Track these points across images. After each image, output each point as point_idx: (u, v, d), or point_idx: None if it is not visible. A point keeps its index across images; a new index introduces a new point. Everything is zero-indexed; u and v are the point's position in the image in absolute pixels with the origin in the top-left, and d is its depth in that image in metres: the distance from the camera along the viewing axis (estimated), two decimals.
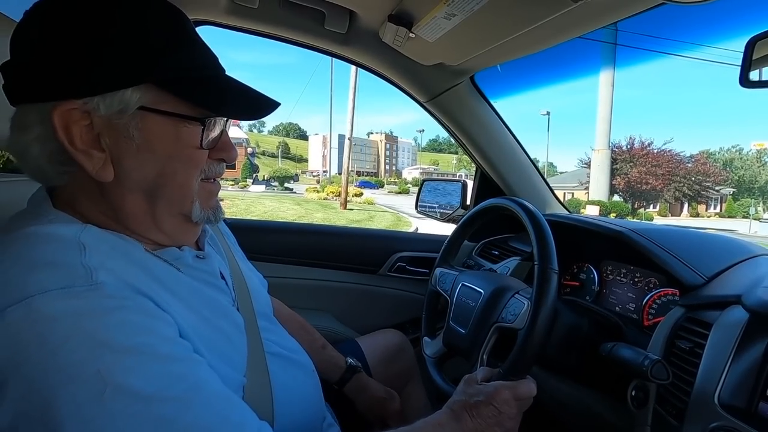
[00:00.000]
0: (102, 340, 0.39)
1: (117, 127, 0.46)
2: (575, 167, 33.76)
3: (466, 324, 0.85)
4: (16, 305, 0.38)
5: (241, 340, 0.58)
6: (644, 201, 27.50)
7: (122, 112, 0.46)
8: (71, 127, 0.45)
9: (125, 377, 0.39)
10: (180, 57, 0.49)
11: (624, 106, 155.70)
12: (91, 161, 0.47)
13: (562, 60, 7.35)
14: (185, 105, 0.49)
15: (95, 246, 0.45)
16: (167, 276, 0.51)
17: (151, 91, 0.47)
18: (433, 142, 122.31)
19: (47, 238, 0.44)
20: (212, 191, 0.57)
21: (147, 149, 0.48)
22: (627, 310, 0.97)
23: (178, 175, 0.51)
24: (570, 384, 0.89)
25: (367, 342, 1.06)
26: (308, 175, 67.62)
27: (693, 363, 0.65)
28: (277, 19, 1.07)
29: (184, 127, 0.49)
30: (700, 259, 0.82)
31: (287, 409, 0.60)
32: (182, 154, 0.50)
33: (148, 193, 0.50)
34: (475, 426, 0.60)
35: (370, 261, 1.41)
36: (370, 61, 1.19)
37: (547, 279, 0.71)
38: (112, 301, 0.42)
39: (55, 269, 0.41)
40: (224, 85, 0.53)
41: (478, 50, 0.96)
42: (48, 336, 0.38)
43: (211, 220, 0.57)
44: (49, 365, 0.37)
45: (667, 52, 19.93)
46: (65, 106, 0.45)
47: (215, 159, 0.55)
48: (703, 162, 30.66)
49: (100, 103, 0.45)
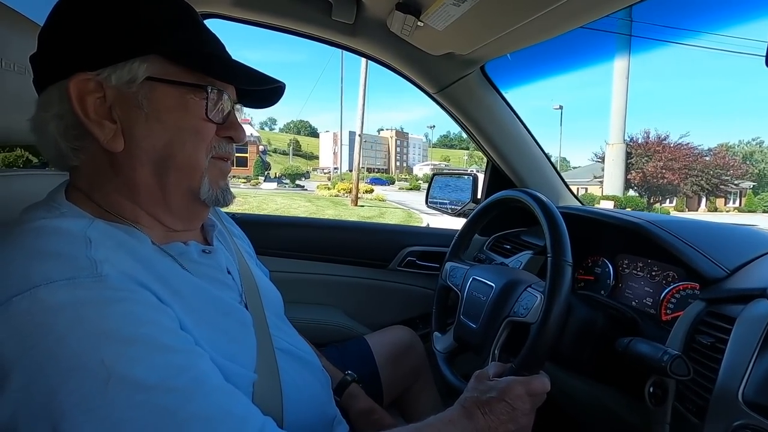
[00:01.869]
0: (106, 330, 0.39)
1: (127, 97, 0.50)
2: (589, 162, 33.28)
3: (477, 318, 0.84)
4: (21, 295, 0.39)
5: (249, 336, 0.57)
6: (660, 196, 26.92)
7: (131, 81, 0.49)
8: (86, 98, 0.49)
9: (129, 367, 0.39)
10: (185, 35, 0.53)
11: (639, 98, 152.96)
12: (102, 131, 0.50)
13: (575, 51, 7.16)
14: (190, 75, 0.52)
15: (101, 240, 0.46)
16: (171, 274, 0.51)
17: (158, 62, 0.50)
18: (443, 138, 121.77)
19: (54, 231, 0.45)
20: (222, 170, 0.59)
21: (156, 119, 0.51)
22: (644, 304, 0.94)
23: (187, 146, 0.53)
24: (584, 380, 0.87)
25: (376, 340, 1.05)
26: (319, 172, 67.89)
27: (714, 359, 0.62)
28: (283, 11, 1.06)
29: (190, 97, 0.52)
30: (721, 251, 0.79)
31: (296, 405, 0.60)
32: (189, 124, 0.53)
33: (157, 165, 0.52)
34: (487, 423, 0.58)
35: (379, 255, 1.40)
36: (378, 52, 1.18)
37: (561, 271, 0.69)
38: (115, 292, 0.42)
39: (61, 260, 0.42)
40: (227, 61, 0.56)
41: (488, 38, 0.94)
42: (53, 325, 0.38)
43: (220, 201, 0.58)
44: (54, 354, 0.37)
45: (685, 43, 19.47)
46: (80, 76, 0.48)
47: (224, 137, 0.57)
48: (722, 155, 29.88)
49: (111, 74, 0.49)
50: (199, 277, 0.55)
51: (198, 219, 0.61)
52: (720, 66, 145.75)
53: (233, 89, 0.58)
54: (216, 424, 0.41)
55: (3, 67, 0.61)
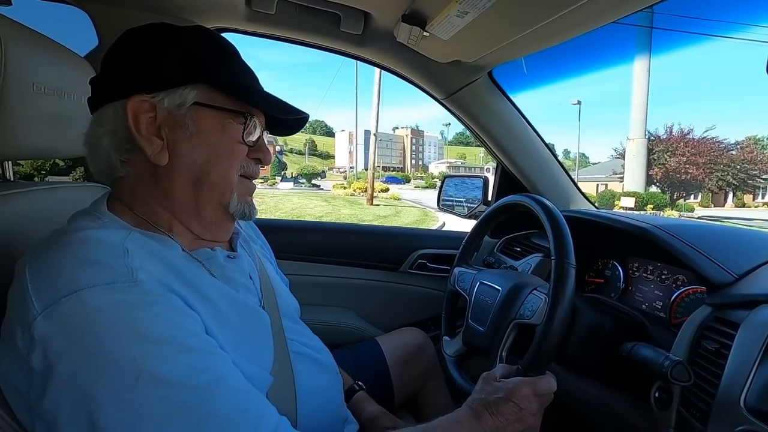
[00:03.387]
0: (138, 330, 0.44)
1: (176, 117, 0.56)
2: (609, 158, 32.53)
3: (484, 322, 0.85)
4: (68, 296, 0.44)
5: (267, 337, 0.61)
6: (684, 191, 26.14)
7: (181, 105, 0.56)
8: (139, 117, 0.55)
9: (156, 365, 0.43)
10: (228, 68, 0.60)
11: (661, 92, 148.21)
12: (151, 146, 0.56)
13: (592, 47, 6.93)
14: (230, 102, 0.59)
15: (136, 250, 0.51)
16: (199, 280, 0.55)
17: (205, 91, 0.57)
18: (459, 136, 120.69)
19: (97, 241, 0.50)
20: (249, 188, 0.65)
21: (198, 138, 0.57)
22: (654, 308, 0.94)
23: (222, 164, 0.59)
24: (592, 384, 0.88)
25: (387, 341, 1.07)
26: (335, 171, 68.21)
27: (719, 364, 0.63)
28: (294, 24, 1.10)
29: (228, 121, 0.59)
30: (729, 256, 0.78)
31: (310, 407, 0.63)
32: (226, 144, 0.59)
33: (195, 179, 0.58)
34: (495, 423, 0.60)
35: (391, 258, 1.42)
36: (386, 61, 1.20)
37: (564, 273, 0.70)
38: (148, 297, 0.47)
39: (102, 267, 0.47)
40: (261, 92, 0.63)
41: (494, 46, 0.95)
42: (92, 324, 0.43)
43: (246, 215, 0.64)
44: (91, 350, 0.42)
45: (708, 34, 18.81)
46: (137, 98, 0.55)
47: (253, 158, 0.63)
48: (749, 149, 28.77)
49: (164, 97, 0.56)
50: (225, 282, 0.59)
51: (225, 230, 0.66)
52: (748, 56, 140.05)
53: (263, 118, 0.64)
54: (233, 421, 0.45)
55: (34, 91, 0.65)
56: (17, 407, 0.47)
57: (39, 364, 0.42)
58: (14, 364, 0.45)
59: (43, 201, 0.70)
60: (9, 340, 0.46)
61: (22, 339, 0.44)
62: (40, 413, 0.43)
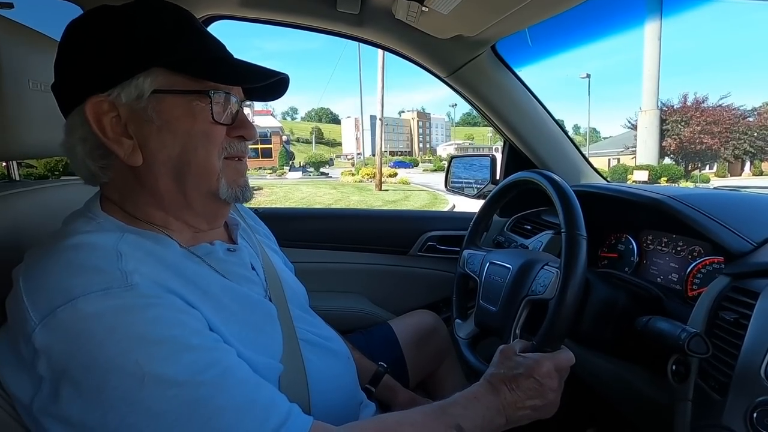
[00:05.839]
0: (138, 333, 0.44)
1: (138, 112, 0.52)
2: (621, 131, 31.78)
3: (496, 301, 0.84)
4: (63, 306, 0.43)
5: (275, 328, 0.61)
6: (699, 162, 25.52)
7: (140, 97, 0.52)
8: (102, 119, 0.52)
9: (160, 366, 0.43)
10: (183, 45, 0.54)
11: (673, 60, 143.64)
12: (122, 148, 0.53)
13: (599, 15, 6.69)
14: (193, 82, 0.54)
15: (130, 253, 0.50)
16: (199, 276, 0.55)
17: (161, 75, 0.52)
18: (466, 116, 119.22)
19: (89, 247, 0.49)
20: (238, 169, 0.60)
21: (167, 129, 0.53)
22: (669, 280, 0.92)
23: (199, 152, 0.55)
24: (608, 359, 0.87)
25: (400, 324, 1.07)
26: (343, 158, 68.07)
27: (738, 335, 0.61)
28: (289, 7, 1.07)
29: (196, 104, 0.54)
30: (747, 224, 0.76)
31: (322, 393, 0.63)
32: (199, 130, 0.54)
33: (176, 173, 0.55)
34: (513, 398, 0.60)
35: (400, 242, 1.42)
36: (386, 40, 1.17)
37: (575, 244, 0.68)
38: (145, 299, 0.46)
39: (96, 274, 0.46)
40: (227, 62, 0.57)
41: (495, 18, 0.92)
42: (93, 331, 0.43)
43: (239, 197, 0.60)
44: (95, 357, 0.42)
45: None
46: (94, 99, 0.52)
47: (235, 137, 0.58)
48: (767, 115, 27.89)
49: (120, 92, 0.52)
50: (226, 275, 0.59)
51: (221, 216, 0.64)
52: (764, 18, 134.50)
53: (239, 89, 0.59)
54: (243, 412, 0.45)
55: (31, 88, 0.65)
56: (19, 410, 0.47)
57: (46, 371, 0.43)
58: (18, 369, 0.45)
59: (49, 198, 0.71)
60: (13, 347, 0.46)
61: (25, 348, 0.44)
62: (55, 416, 0.43)
